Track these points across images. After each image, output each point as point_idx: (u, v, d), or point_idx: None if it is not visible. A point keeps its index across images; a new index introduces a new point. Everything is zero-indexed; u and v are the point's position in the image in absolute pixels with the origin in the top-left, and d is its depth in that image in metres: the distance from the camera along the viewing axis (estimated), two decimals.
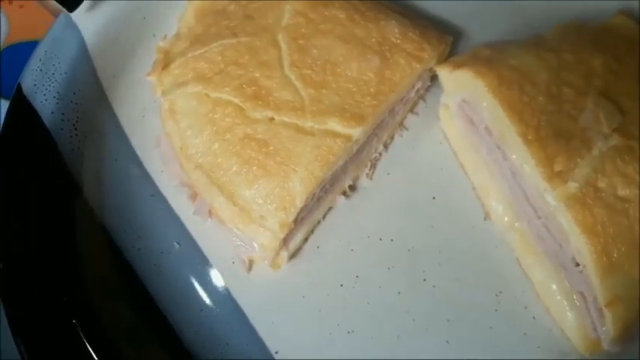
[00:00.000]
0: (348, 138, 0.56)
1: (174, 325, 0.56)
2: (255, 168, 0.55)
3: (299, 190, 0.54)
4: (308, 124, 0.56)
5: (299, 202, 0.54)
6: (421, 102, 0.69)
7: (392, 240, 0.61)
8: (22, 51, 0.62)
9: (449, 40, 0.65)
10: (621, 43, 0.64)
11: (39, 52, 0.63)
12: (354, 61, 0.58)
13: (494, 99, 0.57)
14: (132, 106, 0.66)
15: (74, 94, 0.63)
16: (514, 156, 0.58)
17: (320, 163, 0.54)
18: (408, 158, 0.65)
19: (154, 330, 0.56)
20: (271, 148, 0.55)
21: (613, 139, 0.56)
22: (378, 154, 0.65)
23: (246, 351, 0.55)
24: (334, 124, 0.56)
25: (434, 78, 0.67)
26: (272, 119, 0.56)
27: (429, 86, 0.68)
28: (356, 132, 0.56)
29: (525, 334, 0.57)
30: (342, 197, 0.62)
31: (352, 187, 0.63)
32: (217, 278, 0.58)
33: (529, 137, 0.56)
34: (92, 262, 0.58)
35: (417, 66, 0.60)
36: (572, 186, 0.54)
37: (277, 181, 0.54)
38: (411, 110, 0.68)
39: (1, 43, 0.74)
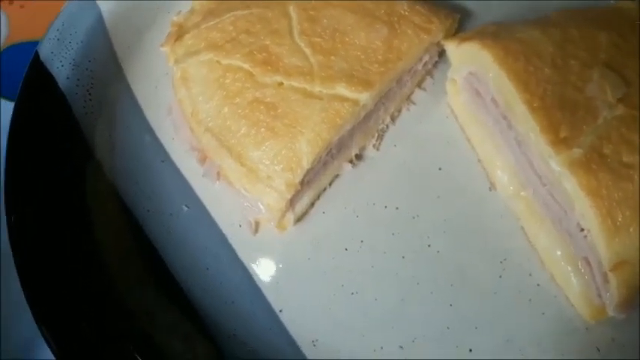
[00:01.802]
0: (355, 102, 0.57)
1: (181, 283, 0.57)
2: (263, 130, 0.56)
3: (306, 151, 0.55)
4: (316, 88, 0.57)
5: (306, 164, 0.55)
6: (429, 78, 0.70)
7: (397, 208, 0.61)
8: (23, 51, 0.63)
9: (456, 17, 0.66)
10: (626, 23, 0.65)
11: (57, 23, 0.65)
12: (363, 31, 0.60)
13: (500, 69, 0.58)
14: (146, 76, 0.68)
15: (89, 62, 0.65)
16: (520, 125, 0.58)
17: (327, 125, 0.55)
18: (415, 131, 0.66)
19: (161, 287, 0.57)
20: (279, 111, 0.56)
21: (618, 108, 0.56)
22: (385, 126, 0.66)
23: (250, 309, 0.56)
24: (342, 89, 0.57)
25: (441, 55, 0.68)
26: (281, 84, 0.58)
27: (436, 62, 0.69)
28: (363, 97, 0.57)
29: (530, 300, 0.57)
30: (349, 165, 0.63)
31: (359, 157, 0.64)
32: (224, 240, 0.59)
33: (534, 105, 0.56)
34: (103, 222, 0.59)
35: (425, 37, 0.61)
36: (577, 152, 0.54)
37: (285, 142, 0.55)
38: (419, 86, 0.69)
39: (2, 43, 0.75)
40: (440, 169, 0.64)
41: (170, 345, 0.54)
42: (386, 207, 0.61)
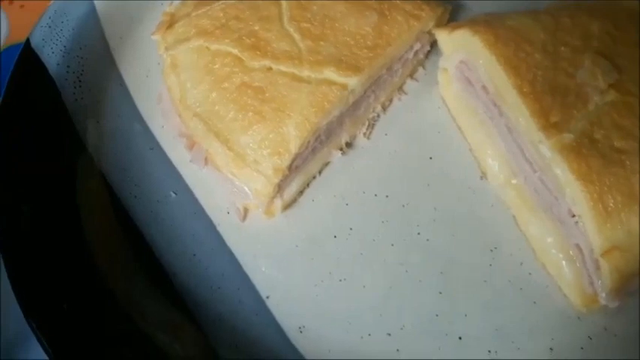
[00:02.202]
0: (343, 86, 0.56)
1: (168, 268, 0.56)
2: (250, 114, 0.56)
3: (293, 135, 0.55)
4: (305, 72, 0.57)
5: (293, 148, 0.55)
6: (420, 69, 0.69)
7: (387, 196, 0.61)
8: None
9: (448, 7, 0.66)
10: (620, 14, 0.65)
11: (49, 11, 0.65)
12: (353, 17, 0.59)
13: (490, 55, 0.58)
14: (137, 65, 0.68)
15: (80, 49, 0.65)
16: (510, 111, 0.58)
17: (315, 109, 0.55)
18: (406, 121, 0.66)
19: (147, 273, 0.56)
20: (267, 95, 0.56)
21: (610, 94, 0.56)
22: (376, 115, 0.65)
23: (237, 295, 0.55)
24: (330, 73, 0.56)
25: (433, 45, 0.68)
26: (270, 68, 0.57)
27: (428, 52, 0.69)
28: (352, 81, 0.57)
29: (521, 289, 0.56)
30: (339, 153, 0.62)
31: (350, 145, 0.64)
32: (211, 226, 0.59)
33: (524, 90, 0.56)
34: (90, 207, 0.58)
35: (415, 24, 0.61)
36: (568, 137, 0.54)
37: (272, 126, 0.55)
38: (411, 76, 0.68)
39: (2, 43, 0.75)
40: (431, 158, 0.63)
41: (157, 331, 0.53)
42: (376, 195, 0.61)
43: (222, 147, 0.56)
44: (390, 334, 0.53)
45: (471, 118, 0.64)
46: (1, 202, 0.54)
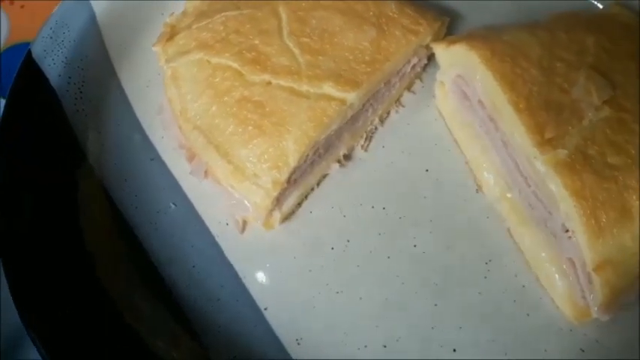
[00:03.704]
0: (342, 102, 0.57)
1: (167, 279, 0.57)
2: (250, 128, 0.56)
3: (292, 149, 0.55)
4: (304, 87, 0.57)
5: (292, 162, 0.55)
6: (418, 82, 0.70)
7: (384, 208, 0.61)
8: (23, 51, 0.62)
9: (445, 20, 0.67)
10: (616, 27, 0.66)
11: (50, 22, 0.66)
12: (351, 31, 0.60)
13: (487, 70, 0.59)
14: (137, 76, 0.68)
15: (81, 60, 0.66)
16: (506, 126, 0.59)
17: (313, 123, 0.56)
18: (403, 133, 0.66)
19: (147, 284, 0.57)
20: (267, 109, 0.57)
21: (604, 110, 0.57)
22: (373, 127, 0.66)
23: (236, 307, 0.56)
24: (329, 88, 0.57)
25: (431, 58, 0.69)
26: (269, 83, 0.58)
27: (425, 65, 0.70)
28: (350, 96, 0.57)
29: (515, 301, 0.57)
30: (337, 165, 0.63)
31: (347, 157, 0.64)
32: (211, 238, 0.59)
33: (520, 106, 0.57)
34: (91, 218, 0.59)
35: (413, 38, 0.62)
36: (562, 152, 0.55)
37: (271, 140, 0.56)
38: (408, 89, 0.69)
39: (2, 44, 0.75)
40: (427, 170, 0.64)
41: (155, 341, 0.54)
42: (373, 207, 0.62)
43: (222, 160, 0.57)
44: (385, 346, 0.54)
45: (467, 131, 0.65)
46: (2, 210, 0.54)
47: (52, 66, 0.64)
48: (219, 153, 0.57)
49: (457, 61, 0.63)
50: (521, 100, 0.57)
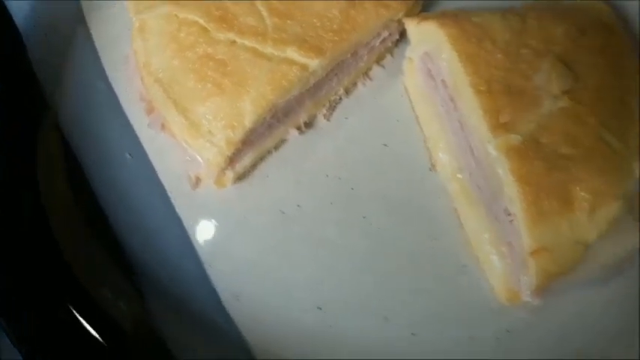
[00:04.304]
0: (304, 67, 0.57)
1: (116, 227, 0.58)
2: (210, 86, 0.56)
3: (249, 110, 0.56)
4: (268, 50, 0.57)
5: (248, 123, 0.56)
6: (389, 56, 0.70)
7: (339, 178, 0.62)
8: None
9: None
10: (588, 19, 0.66)
11: None
12: None
13: (452, 49, 0.59)
14: (106, 26, 0.67)
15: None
16: (464, 107, 0.59)
17: (272, 86, 0.56)
18: (367, 106, 0.67)
19: (94, 231, 0.58)
20: (229, 68, 0.57)
21: (563, 101, 0.58)
22: (338, 98, 0.66)
23: (180, 261, 0.57)
24: (293, 53, 0.57)
25: (403, 34, 0.69)
26: (234, 42, 0.58)
27: (397, 41, 0.70)
28: (313, 63, 0.57)
29: (452, 278, 0.58)
30: (296, 131, 0.63)
31: (308, 125, 0.65)
32: (163, 192, 0.60)
33: (480, 88, 0.57)
34: (47, 166, 0.59)
35: (383, 12, 0.62)
36: (515, 138, 0.56)
37: (229, 99, 0.56)
38: (378, 62, 0.69)
39: None
40: (385, 145, 0.65)
41: (100, 290, 0.55)
42: (327, 176, 0.62)
43: (179, 115, 0.57)
44: (320, 308, 0.56)
45: (428, 109, 0.65)
46: None
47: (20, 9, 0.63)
48: (177, 108, 0.57)
49: (426, 38, 0.63)
50: (482, 82, 0.57)
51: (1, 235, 0.54)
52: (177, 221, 0.59)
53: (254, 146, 0.60)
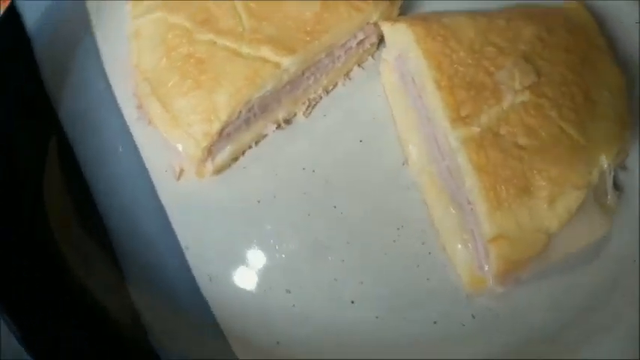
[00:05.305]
0: (276, 65, 0.62)
1: (103, 212, 0.63)
2: (189, 81, 0.61)
3: (224, 104, 0.60)
4: (244, 49, 0.62)
5: (223, 116, 0.60)
6: (370, 58, 0.74)
7: (314, 171, 0.66)
8: None
9: (397, 2, 0.70)
10: (559, 17, 0.68)
11: None
12: (297, 1, 0.64)
13: (418, 48, 0.62)
14: (110, 30, 0.73)
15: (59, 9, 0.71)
16: (429, 102, 0.62)
17: (246, 82, 0.60)
18: (345, 105, 0.70)
19: (80, 212, 0.63)
20: (207, 66, 0.61)
21: (524, 95, 0.60)
22: (317, 96, 0.70)
23: (159, 243, 0.61)
24: (267, 51, 0.62)
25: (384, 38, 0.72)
26: (214, 42, 0.63)
27: (379, 44, 0.73)
28: (285, 61, 0.62)
29: (418, 265, 0.60)
30: (274, 126, 0.67)
31: (287, 121, 0.69)
32: (149, 181, 0.65)
33: (442, 83, 0.60)
34: (28, 145, 0.65)
35: (356, 14, 0.65)
36: (474, 130, 0.58)
37: (206, 94, 0.61)
38: (359, 64, 0.73)
39: None
40: (361, 141, 0.68)
41: (76, 267, 0.60)
42: (304, 169, 0.66)
43: (162, 109, 0.62)
44: (289, 291, 0.59)
45: (402, 106, 0.68)
46: None
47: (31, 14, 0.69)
48: (161, 102, 0.62)
49: (399, 39, 0.67)
50: (444, 78, 0.60)
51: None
52: (160, 207, 0.63)
53: (233, 140, 0.64)
